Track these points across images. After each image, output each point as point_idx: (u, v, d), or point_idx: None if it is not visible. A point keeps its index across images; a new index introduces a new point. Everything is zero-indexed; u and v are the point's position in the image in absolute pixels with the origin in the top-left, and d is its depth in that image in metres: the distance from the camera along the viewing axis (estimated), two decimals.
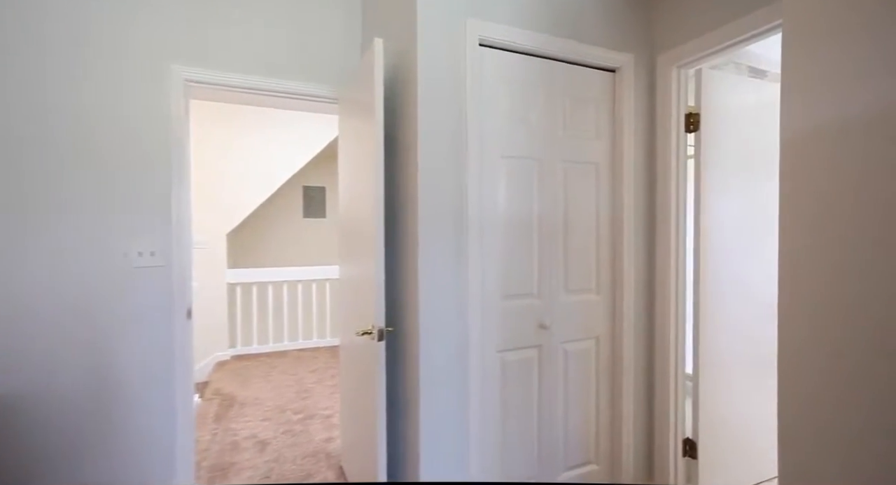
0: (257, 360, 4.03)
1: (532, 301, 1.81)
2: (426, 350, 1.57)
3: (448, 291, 1.61)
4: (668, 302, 1.95)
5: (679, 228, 1.93)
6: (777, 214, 1.06)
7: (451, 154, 1.61)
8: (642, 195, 1.99)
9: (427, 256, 1.58)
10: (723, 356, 1.96)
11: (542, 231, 1.81)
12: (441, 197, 1.59)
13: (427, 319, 1.57)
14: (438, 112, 1.58)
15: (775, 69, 2.28)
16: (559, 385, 1.87)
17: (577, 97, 1.87)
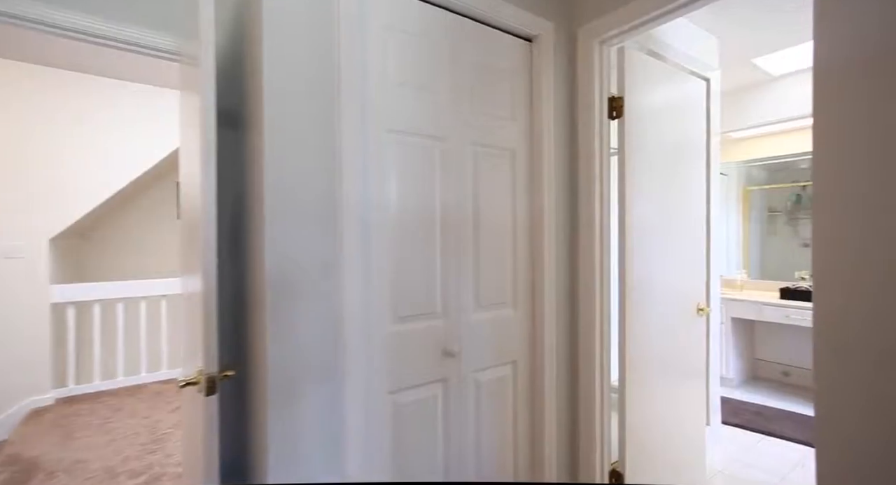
0: (97, 401, 3.10)
1: (434, 322, 1.39)
2: (278, 409, 1.07)
3: (313, 319, 1.12)
4: (592, 314, 1.67)
5: (603, 228, 1.66)
6: (691, 213, 0.76)
7: (317, 128, 1.13)
8: (563, 190, 1.69)
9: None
10: (648, 369, 1.73)
11: (448, 232, 1.41)
12: (301, 187, 1.11)
13: (280, 364, 1.07)
14: (296, 66, 1.10)
15: (689, 65, 2.17)
16: (469, 426, 1.48)
17: (489, 67, 1.51)
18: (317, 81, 1.13)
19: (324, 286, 1.13)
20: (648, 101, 1.71)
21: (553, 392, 1.64)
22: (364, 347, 1.20)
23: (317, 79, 1.13)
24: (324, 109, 1.14)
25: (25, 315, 2.86)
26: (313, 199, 1.12)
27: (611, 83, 1.67)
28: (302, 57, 1.11)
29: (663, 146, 1.79)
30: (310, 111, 1.12)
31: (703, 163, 2.02)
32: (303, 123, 1.11)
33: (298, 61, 1.11)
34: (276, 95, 1.07)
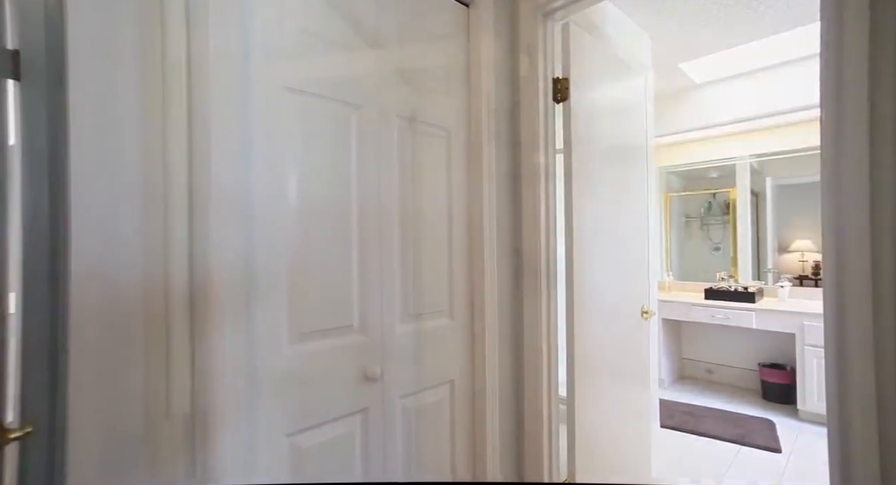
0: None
1: (350, 339, 1.08)
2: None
3: (147, 356, 0.76)
4: (537, 321, 1.45)
5: (549, 226, 1.47)
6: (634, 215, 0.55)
7: (145, 72, 0.78)
8: (506, 180, 1.47)
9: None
10: (597, 377, 1.55)
11: (367, 226, 1.11)
12: (116, 168, 0.75)
13: (89, 424, 0.69)
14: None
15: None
16: (397, 465, 1.18)
17: (420, 30, 1.25)
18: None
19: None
20: (594, 88, 1.56)
21: (496, 412, 1.40)
22: (243, 381, 0.86)
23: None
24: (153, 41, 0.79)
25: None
26: (141, 183, 0.76)
27: (555, 64, 1.49)
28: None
29: (610, 140, 1.66)
30: (133, 56, 0.76)
31: (644, 164, 1.93)
32: (116, 70, 0.75)
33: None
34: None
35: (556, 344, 1.48)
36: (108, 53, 0.72)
